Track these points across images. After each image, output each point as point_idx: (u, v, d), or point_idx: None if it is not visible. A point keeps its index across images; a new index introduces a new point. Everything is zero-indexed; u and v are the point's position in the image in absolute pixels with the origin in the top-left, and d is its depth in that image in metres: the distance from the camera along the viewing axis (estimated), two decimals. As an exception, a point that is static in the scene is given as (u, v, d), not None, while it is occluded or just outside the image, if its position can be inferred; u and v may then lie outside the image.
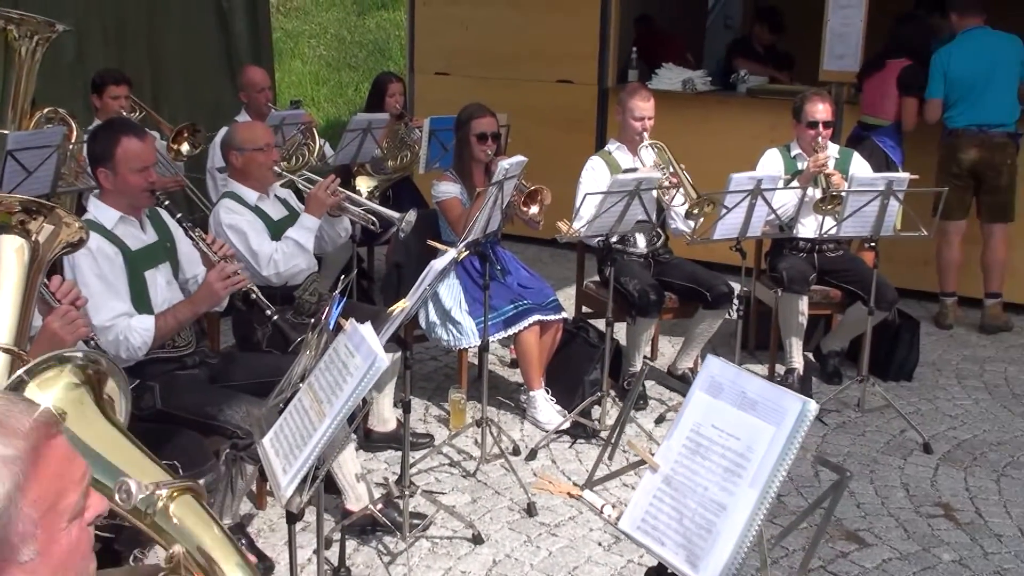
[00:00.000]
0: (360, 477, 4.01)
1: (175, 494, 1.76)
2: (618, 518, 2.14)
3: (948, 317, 6.56)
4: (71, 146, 5.20)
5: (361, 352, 2.47)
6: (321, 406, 2.47)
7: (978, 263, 6.49)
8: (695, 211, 5.05)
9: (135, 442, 1.85)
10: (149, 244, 3.81)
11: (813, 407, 1.93)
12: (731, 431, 2.03)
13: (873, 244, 5.06)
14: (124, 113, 5.86)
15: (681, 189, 5.18)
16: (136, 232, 3.79)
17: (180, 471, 3.01)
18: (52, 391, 1.78)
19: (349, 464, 3.99)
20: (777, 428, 1.97)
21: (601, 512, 2.19)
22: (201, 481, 1.99)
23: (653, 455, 2.15)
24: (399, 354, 4.48)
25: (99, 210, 3.73)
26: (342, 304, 3.00)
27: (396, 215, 4.55)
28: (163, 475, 1.81)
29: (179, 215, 3.99)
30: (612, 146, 5.48)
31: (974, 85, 6.24)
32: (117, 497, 1.68)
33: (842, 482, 2.00)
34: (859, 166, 5.53)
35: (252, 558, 1.76)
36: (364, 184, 6.32)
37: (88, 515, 1.44)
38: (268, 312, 3.77)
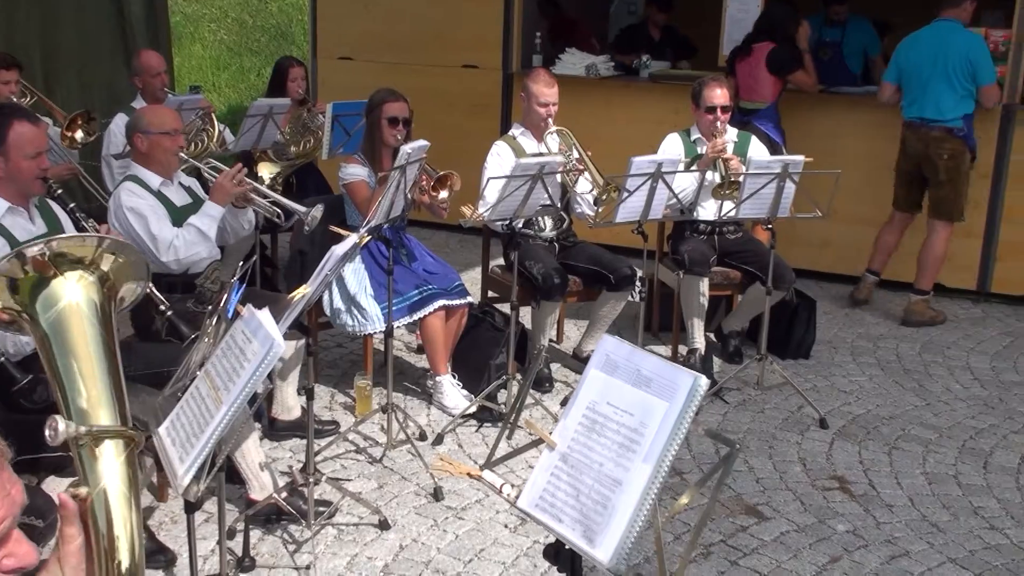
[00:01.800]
0: (264, 466, 3.98)
1: (104, 437, 1.75)
2: (516, 497, 2.17)
3: (863, 293, 6.73)
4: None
5: (258, 338, 2.46)
6: (218, 393, 2.44)
7: (910, 252, 6.65)
8: (603, 196, 5.10)
9: (113, 375, 1.83)
10: (37, 236, 3.72)
11: (704, 382, 1.98)
12: (625, 408, 2.07)
13: (770, 226, 5.17)
14: (14, 99, 5.70)
15: (586, 174, 5.23)
16: (24, 223, 3.69)
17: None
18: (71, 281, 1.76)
19: (252, 453, 3.96)
20: (670, 404, 2.01)
21: (500, 492, 2.22)
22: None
23: (552, 434, 2.18)
24: (302, 341, 4.46)
25: (-14, 199, 3.63)
26: (241, 291, 2.97)
27: (302, 209, 4.49)
28: (112, 414, 1.81)
29: (71, 204, 3.90)
30: (517, 131, 5.51)
31: (920, 76, 6.29)
32: (46, 430, 1.70)
33: (732, 454, 2.06)
34: (757, 149, 5.65)
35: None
36: (267, 170, 6.24)
37: (7, 563, 1.40)
38: (162, 308, 3.72)
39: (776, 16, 6.75)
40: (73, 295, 2.00)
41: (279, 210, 4.56)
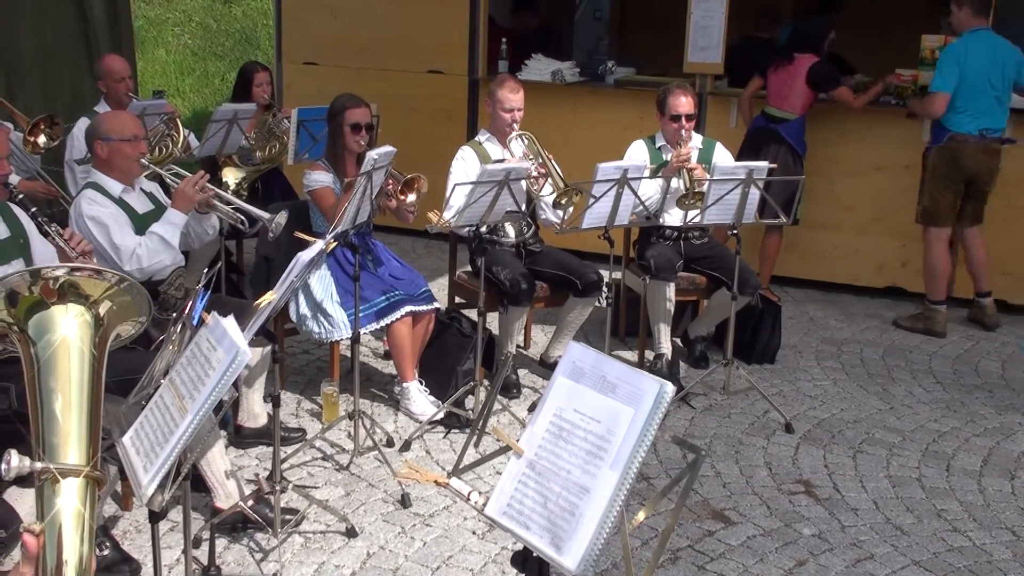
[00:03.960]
0: (229, 474, 3.96)
1: (66, 475, 1.73)
2: (484, 505, 2.17)
3: (941, 324, 6.43)
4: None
5: (223, 345, 2.44)
6: (183, 401, 2.42)
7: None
8: (563, 201, 5.12)
9: (91, 416, 1.81)
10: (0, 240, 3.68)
11: (670, 389, 1.99)
12: (592, 414, 2.07)
13: (736, 231, 5.21)
14: (-25, 103, 5.63)
15: (550, 179, 5.25)
16: (-16, 226, 3.65)
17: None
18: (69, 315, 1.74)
19: (218, 461, 3.93)
20: (636, 410, 2.02)
21: (468, 499, 2.22)
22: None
23: (519, 441, 2.18)
24: (268, 348, 4.43)
25: (-54, 205, 3.58)
26: (206, 298, 2.95)
27: (266, 215, 4.46)
28: (82, 454, 1.79)
29: (34, 209, 3.85)
30: (482, 136, 5.51)
31: (980, 87, 6.16)
32: (0, 464, 1.68)
33: (697, 460, 2.07)
34: (722, 155, 5.69)
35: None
36: (232, 176, 6.21)
37: None
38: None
39: (816, 27, 6.69)
40: (69, 330, 1.98)
41: (243, 216, 4.53)
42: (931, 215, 6.36)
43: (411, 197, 4.91)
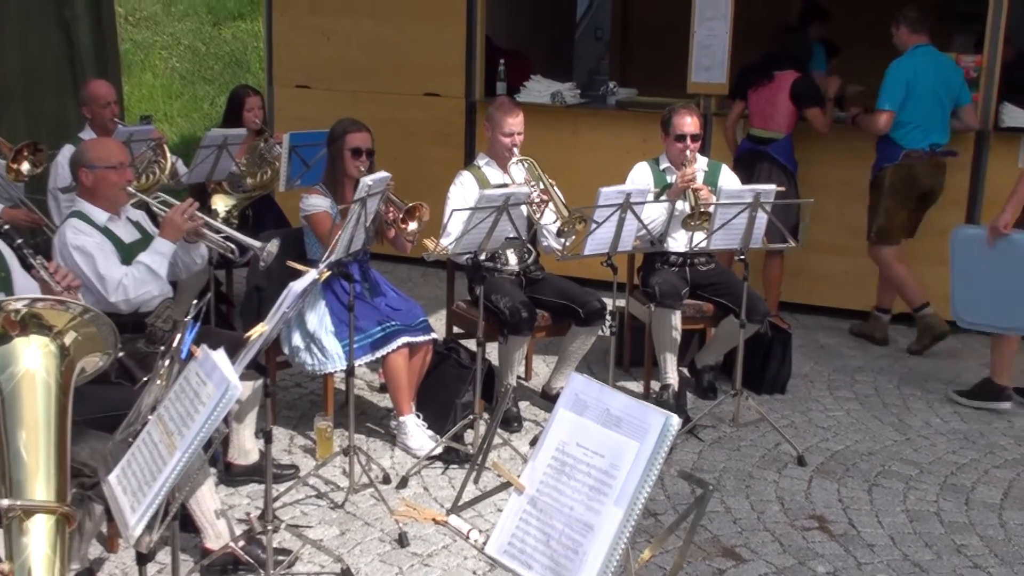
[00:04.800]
0: (220, 513, 3.95)
1: (36, 511, 1.73)
2: (485, 543, 2.17)
3: (938, 326, 6.51)
4: None
5: (213, 379, 2.45)
6: (171, 438, 2.43)
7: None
8: (566, 228, 5.13)
9: (58, 449, 1.82)
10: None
11: (676, 421, 2.00)
12: (596, 449, 2.08)
13: (743, 257, 5.22)
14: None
15: (551, 205, 5.27)
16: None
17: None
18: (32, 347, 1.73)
19: (208, 500, 3.92)
20: (641, 444, 2.03)
21: (467, 537, 2.22)
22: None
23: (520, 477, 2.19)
24: (260, 381, 4.44)
25: (-74, 236, 3.60)
26: (196, 330, 2.96)
27: (257, 244, 4.48)
28: (49, 489, 1.79)
29: (19, 241, 3.87)
30: (481, 161, 5.54)
31: (927, 103, 6.33)
32: None
33: (705, 495, 2.07)
34: (728, 178, 5.71)
35: None
36: (222, 203, 6.24)
37: None
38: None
39: (796, 44, 6.81)
40: (32, 362, 1.99)
41: (233, 245, 4.54)
42: (885, 233, 6.50)
43: (412, 225, 4.93)
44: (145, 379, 3.53)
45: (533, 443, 5.19)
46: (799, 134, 6.79)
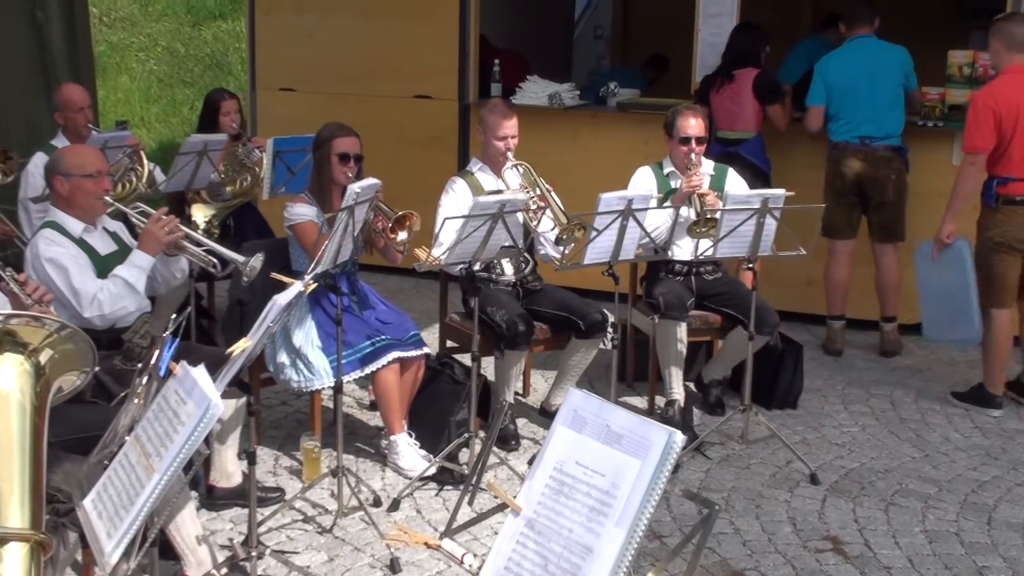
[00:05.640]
0: (201, 539, 3.94)
1: (7, 540, 1.73)
2: (480, 568, 2.17)
3: (837, 342, 6.80)
4: None
5: (193, 398, 2.45)
6: (149, 460, 2.43)
7: (867, 284, 6.76)
8: (564, 236, 5.14)
9: (33, 474, 1.81)
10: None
11: (679, 438, 2.00)
12: (595, 467, 2.09)
13: (751, 265, 5.23)
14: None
15: (549, 212, 5.27)
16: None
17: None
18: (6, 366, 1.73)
19: (188, 526, 3.92)
20: (643, 462, 2.03)
21: (462, 562, 2.22)
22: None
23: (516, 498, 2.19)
24: (243, 400, 4.44)
25: None
26: (175, 346, 2.97)
27: (240, 258, 4.48)
28: (24, 515, 1.79)
29: (-13, 253, 3.87)
30: (475, 166, 5.56)
31: (854, 95, 6.51)
32: None
33: (711, 515, 2.08)
34: (735, 183, 5.73)
35: None
36: (201, 213, 6.23)
37: None
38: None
39: (748, 40, 6.90)
40: (6, 381, 1.98)
41: (215, 259, 4.55)
42: (828, 227, 6.56)
43: (402, 235, 4.93)
44: (123, 394, 3.52)
45: (531, 462, 5.18)
46: (770, 132, 6.89)
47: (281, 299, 3.57)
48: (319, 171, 5.12)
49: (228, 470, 4.65)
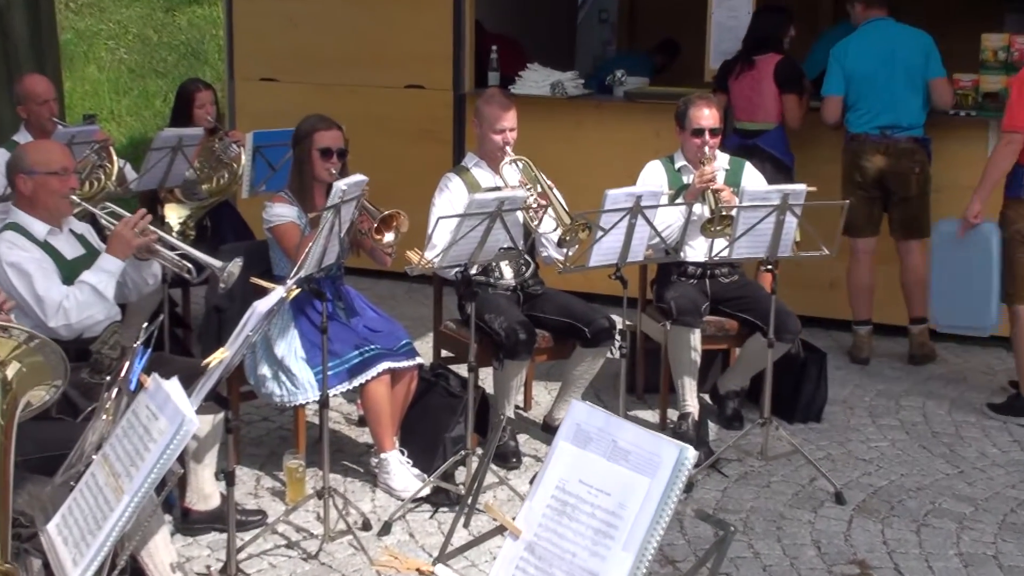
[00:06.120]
0: (176, 567, 3.94)
1: None
2: (476, 595, 2.17)
3: (863, 349, 6.79)
4: None
5: (166, 413, 2.45)
6: (119, 480, 2.43)
7: (893, 285, 6.76)
8: (568, 237, 5.14)
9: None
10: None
11: (691, 454, 2.00)
12: (601, 486, 2.08)
13: (771, 267, 5.23)
14: None
15: (551, 211, 5.28)
16: None
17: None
18: None
19: (162, 552, 3.92)
20: (652, 480, 2.03)
21: (457, 589, 2.22)
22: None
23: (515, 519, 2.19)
24: (220, 415, 4.44)
25: None
26: (147, 358, 2.97)
27: (217, 263, 4.48)
28: None
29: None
30: (470, 161, 5.56)
31: (875, 83, 6.53)
32: None
33: (726, 538, 2.08)
34: (752, 178, 5.73)
35: None
36: (175, 213, 6.23)
37: None
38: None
39: (772, 24, 6.92)
40: None
41: (190, 264, 4.55)
42: (847, 225, 6.43)
43: (388, 236, 4.93)
44: (90, 409, 3.53)
45: (533, 481, 5.18)
46: None
47: (261, 306, 3.57)
48: (299, 168, 5.12)
49: (205, 491, 4.64)
